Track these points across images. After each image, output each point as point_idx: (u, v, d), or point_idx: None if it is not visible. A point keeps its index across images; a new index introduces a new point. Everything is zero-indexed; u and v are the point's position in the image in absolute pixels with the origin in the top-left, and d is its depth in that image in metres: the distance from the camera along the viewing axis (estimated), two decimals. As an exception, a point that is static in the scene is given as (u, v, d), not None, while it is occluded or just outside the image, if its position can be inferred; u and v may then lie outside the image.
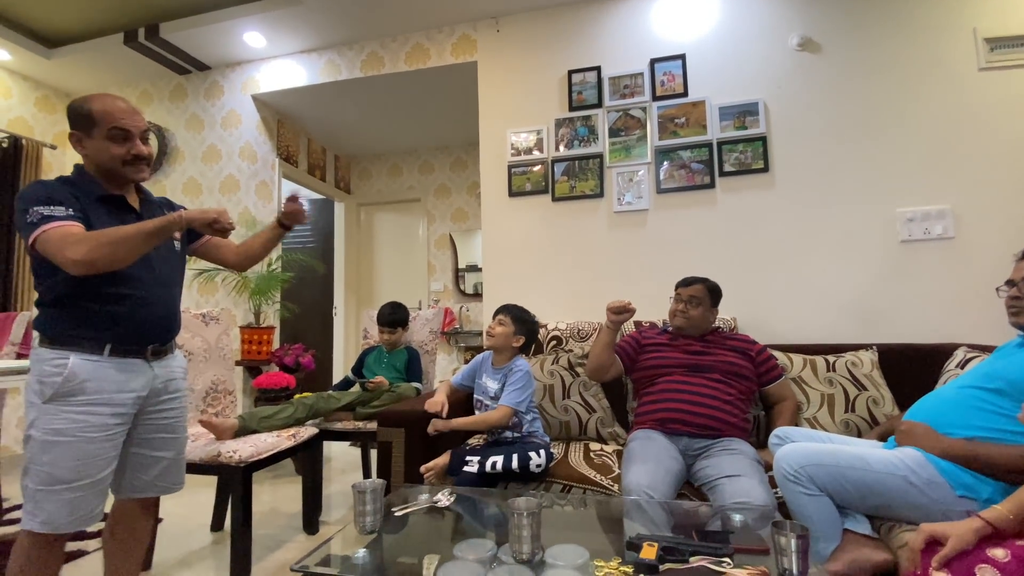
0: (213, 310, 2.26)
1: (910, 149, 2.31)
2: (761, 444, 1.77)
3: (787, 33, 2.49)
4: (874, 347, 2.02)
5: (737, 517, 1.25)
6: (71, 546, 1.93)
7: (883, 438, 1.63)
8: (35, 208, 1.11)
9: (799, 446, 1.36)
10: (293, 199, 1.56)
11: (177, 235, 1.34)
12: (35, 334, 1.19)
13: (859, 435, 1.81)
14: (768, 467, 1.56)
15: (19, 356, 2.64)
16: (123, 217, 1.26)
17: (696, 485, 1.54)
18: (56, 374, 1.12)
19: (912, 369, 1.96)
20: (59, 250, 1.08)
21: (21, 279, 3.37)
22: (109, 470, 1.19)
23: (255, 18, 2.96)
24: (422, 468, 1.61)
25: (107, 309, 1.18)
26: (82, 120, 1.22)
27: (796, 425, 1.84)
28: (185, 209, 1.28)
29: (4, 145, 3.36)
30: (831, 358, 1.98)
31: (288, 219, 1.55)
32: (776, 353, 1.99)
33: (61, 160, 3.74)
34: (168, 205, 1.43)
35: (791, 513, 1.33)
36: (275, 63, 3.39)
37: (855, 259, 2.33)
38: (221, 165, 3.51)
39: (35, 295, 1.23)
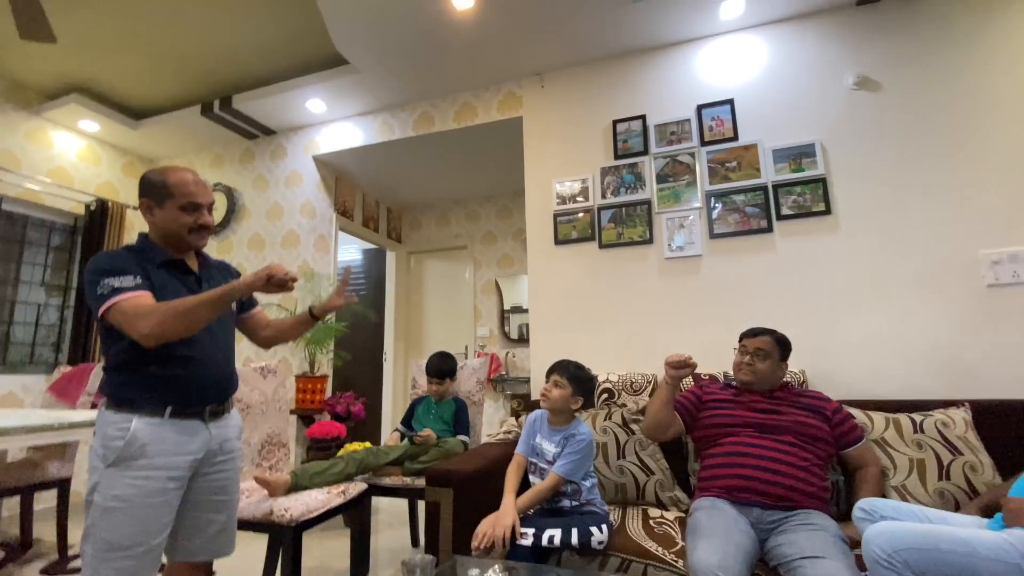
0: (271, 362, 2.33)
1: (987, 187, 2.15)
2: (842, 515, 1.60)
3: (841, 72, 2.42)
4: (966, 404, 1.82)
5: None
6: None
7: (987, 513, 1.45)
8: (105, 280, 1.18)
9: (892, 526, 1.21)
10: (344, 283, 1.56)
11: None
12: (102, 398, 1.24)
13: (956, 507, 1.61)
14: (854, 545, 1.40)
15: (93, 406, 2.80)
16: (183, 279, 1.33)
17: (771, 565, 1.39)
18: (119, 438, 1.16)
19: (1011, 430, 1.76)
20: (131, 323, 1.14)
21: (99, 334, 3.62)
22: (164, 535, 1.20)
23: (317, 87, 3.19)
24: (473, 542, 1.49)
25: (167, 372, 1.23)
26: (156, 190, 1.30)
27: (882, 494, 1.65)
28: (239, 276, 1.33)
29: (92, 208, 3.71)
30: (917, 417, 1.79)
31: (320, 312, 1.54)
32: (853, 411, 1.82)
33: (143, 220, 4.07)
34: (224, 268, 1.50)
35: (887, 604, 1.17)
36: (334, 126, 3.61)
37: (935, 306, 2.14)
38: (283, 221, 3.72)
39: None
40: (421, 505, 2.79)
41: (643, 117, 2.74)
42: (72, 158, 3.72)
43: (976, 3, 2.27)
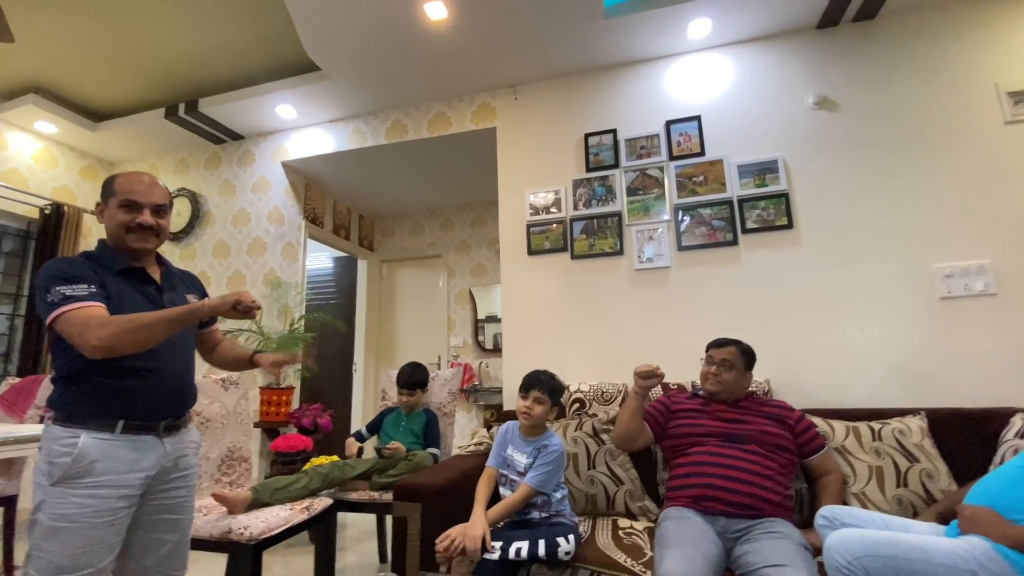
0: (233, 374, 2.25)
1: (942, 204, 2.25)
2: (805, 523, 1.63)
3: (803, 92, 2.51)
4: (922, 412, 1.89)
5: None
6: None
7: (944, 519, 1.49)
8: (56, 288, 1.13)
9: (852, 533, 1.24)
10: (305, 357, 1.59)
11: None
12: (49, 412, 1.17)
13: (915, 514, 1.66)
14: (816, 552, 1.42)
15: (41, 420, 2.65)
16: (144, 289, 1.29)
17: (738, 573, 1.40)
18: (66, 454, 1.10)
19: (966, 437, 1.82)
20: (80, 333, 1.09)
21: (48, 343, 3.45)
22: (111, 557, 1.14)
23: (287, 92, 3.14)
24: (439, 543, 1.48)
25: (120, 384, 1.18)
26: (105, 190, 1.30)
27: (843, 502, 1.69)
28: (206, 299, 1.30)
29: (47, 212, 3.55)
30: (876, 425, 1.85)
31: (260, 361, 1.52)
32: (815, 419, 1.87)
33: (100, 225, 3.92)
34: (189, 278, 1.45)
35: (847, 611, 1.19)
36: (304, 132, 3.55)
37: (893, 318, 2.22)
38: (250, 228, 3.63)
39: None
40: (390, 520, 2.73)
41: (614, 131, 2.78)
42: (27, 160, 3.56)
43: (929, 29, 2.39)
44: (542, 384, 1.70)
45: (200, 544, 1.65)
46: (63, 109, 3.43)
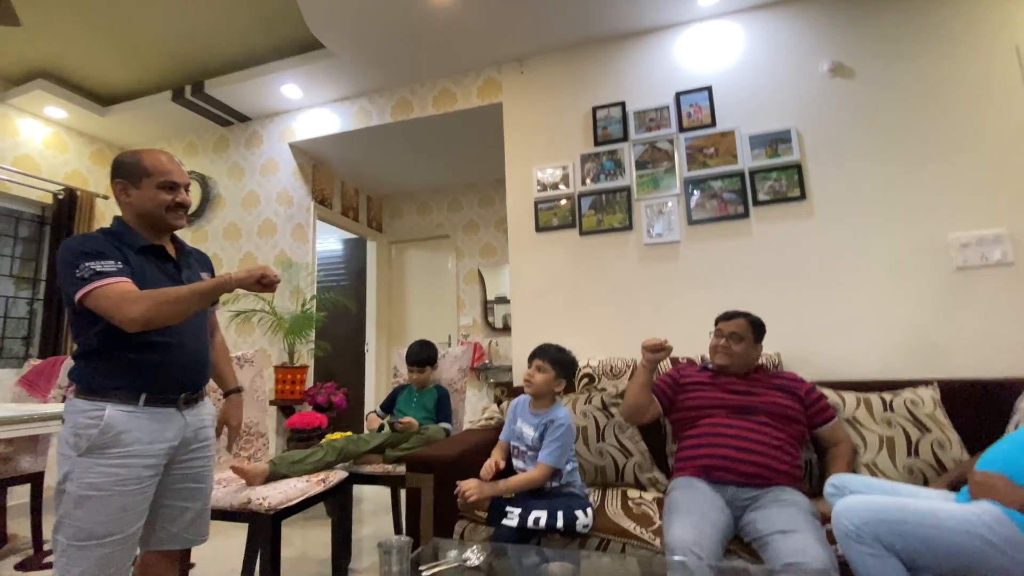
0: (248, 352, 2.29)
1: (958, 172, 2.20)
2: (814, 492, 1.64)
3: (816, 60, 2.44)
4: (935, 383, 1.87)
5: (795, 583, 1.13)
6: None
7: (954, 487, 1.49)
8: (85, 263, 1.14)
9: (861, 499, 1.24)
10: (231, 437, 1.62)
11: None
12: (71, 386, 1.21)
13: (925, 483, 1.66)
14: (825, 519, 1.43)
15: (64, 399, 2.73)
16: (163, 266, 1.31)
17: (745, 540, 1.42)
18: (92, 426, 1.13)
19: (979, 408, 1.81)
20: (117, 306, 1.11)
21: (70, 319, 3.53)
22: (139, 524, 1.18)
23: (293, 72, 3.12)
24: (462, 487, 1.56)
25: (143, 358, 1.20)
26: (132, 170, 1.29)
27: (853, 471, 1.70)
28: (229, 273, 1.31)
29: (61, 197, 3.59)
30: (887, 396, 1.84)
31: (222, 417, 1.57)
32: (826, 391, 1.86)
33: (113, 209, 3.96)
34: (200, 256, 1.48)
35: (855, 575, 1.20)
36: (310, 112, 3.54)
37: (907, 288, 2.19)
38: (259, 210, 3.65)
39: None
40: (404, 493, 2.79)
41: (622, 104, 2.74)
42: (38, 145, 3.59)
43: (947, -9, 2.31)
44: (545, 353, 1.73)
45: (221, 514, 1.71)
46: (71, 94, 3.44)
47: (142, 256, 1.27)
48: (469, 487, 1.55)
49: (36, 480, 2.48)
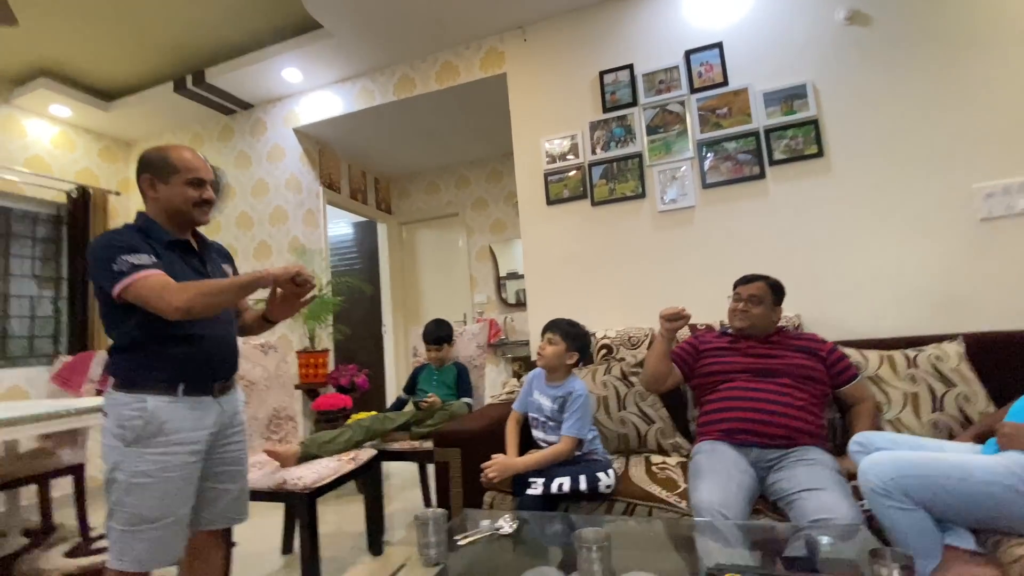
0: (271, 339, 2.33)
1: (981, 119, 2.11)
2: (839, 451, 1.65)
3: (832, 7, 2.34)
4: (960, 337, 1.85)
5: (824, 540, 1.15)
6: None
7: (980, 440, 1.49)
8: (121, 257, 1.17)
9: (887, 455, 1.25)
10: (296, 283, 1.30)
11: None
12: (110, 379, 1.24)
13: (951, 437, 1.65)
14: (850, 477, 1.44)
15: (98, 393, 2.82)
16: (189, 260, 1.34)
17: (771, 500, 1.45)
18: (136, 417, 1.17)
19: (1005, 360, 1.78)
20: (160, 296, 1.14)
21: (99, 322, 3.61)
22: (189, 507, 1.23)
23: (291, 55, 3.07)
24: (484, 467, 1.59)
25: (178, 350, 1.24)
26: (159, 166, 1.31)
27: (877, 429, 1.70)
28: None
29: (74, 196, 3.63)
30: (911, 353, 1.82)
31: (273, 315, 1.42)
32: (848, 351, 1.85)
33: (126, 205, 4.01)
34: (220, 250, 1.50)
35: (883, 529, 1.21)
36: (312, 95, 3.50)
37: (929, 242, 2.14)
38: (269, 198, 3.66)
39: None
40: (431, 468, 2.86)
41: (630, 67, 2.66)
42: (47, 145, 3.62)
43: (971, -76, 2.18)
44: (556, 327, 1.76)
45: (259, 495, 1.77)
46: (74, 91, 3.44)
47: (169, 250, 1.29)
48: (492, 467, 1.59)
49: (78, 471, 2.58)
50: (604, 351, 2.32)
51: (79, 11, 2.78)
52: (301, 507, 1.76)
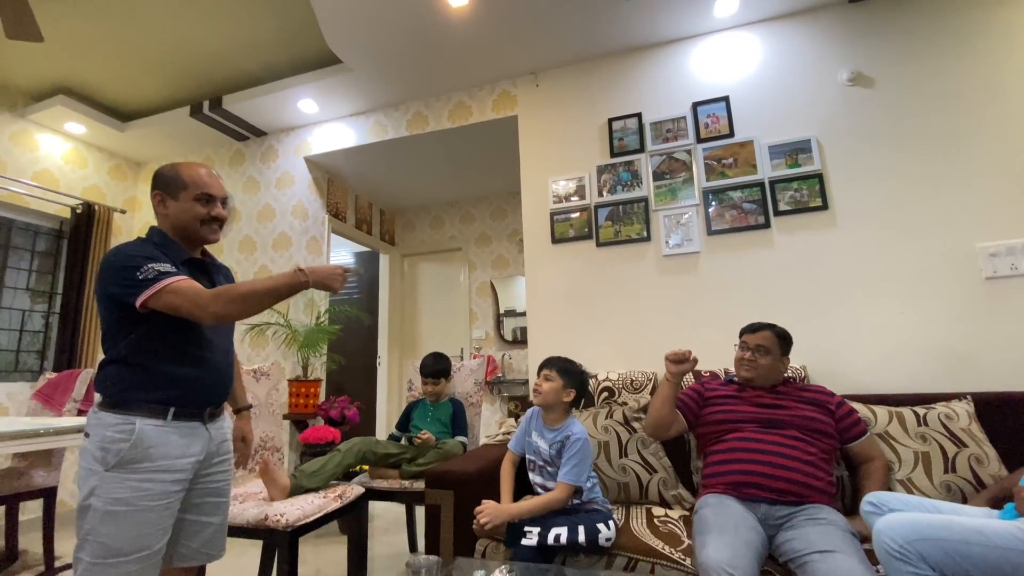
0: (263, 365, 2.27)
1: (984, 180, 2.16)
2: (847, 511, 1.59)
3: (835, 69, 2.43)
4: (968, 396, 1.81)
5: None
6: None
7: (996, 504, 1.43)
8: (147, 265, 1.14)
9: (903, 517, 1.19)
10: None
11: None
12: (96, 396, 1.19)
13: (964, 500, 1.60)
14: (863, 539, 1.38)
15: (80, 413, 2.72)
16: (199, 278, 1.30)
17: (781, 561, 1.37)
18: (122, 440, 1.11)
19: (1014, 422, 1.75)
20: (194, 300, 1.12)
21: (89, 338, 3.54)
22: (164, 540, 1.16)
23: (309, 87, 3.15)
24: (477, 512, 1.52)
25: (176, 370, 1.19)
26: (170, 182, 1.30)
27: (888, 488, 1.64)
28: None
29: (79, 211, 3.63)
30: (920, 410, 1.78)
31: (239, 430, 1.59)
32: (856, 405, 1.81)
33: (129, 223, 4.01)
34: (224, 271, 1.47)
35: (901, 597, 1.14)
36: (326, 126, 3.57)
37: (935, 299, 2.14)
38: (275, 223, 3.66)
39: (100, 355, 1.24)
40: (419, 510, 2.74)
41: (639, 115, 2.73)
42: (58, 160, 3.65)
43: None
44: (552, 363, 1.73)
45: (237, 531, 1.68)
46: (91, 110, 3.50)
47: (186, 268, 1.27)
48: (484, 513, 1.51)
49: (49, 495, 2.46)
50: (606, 394, 2.26)
51: (105, 33, 2.86)
52: (282, 546, 1.66)
